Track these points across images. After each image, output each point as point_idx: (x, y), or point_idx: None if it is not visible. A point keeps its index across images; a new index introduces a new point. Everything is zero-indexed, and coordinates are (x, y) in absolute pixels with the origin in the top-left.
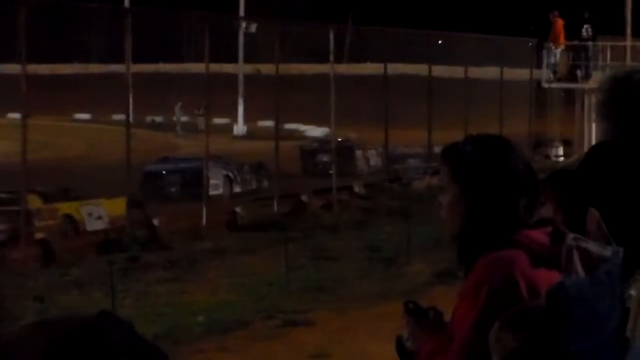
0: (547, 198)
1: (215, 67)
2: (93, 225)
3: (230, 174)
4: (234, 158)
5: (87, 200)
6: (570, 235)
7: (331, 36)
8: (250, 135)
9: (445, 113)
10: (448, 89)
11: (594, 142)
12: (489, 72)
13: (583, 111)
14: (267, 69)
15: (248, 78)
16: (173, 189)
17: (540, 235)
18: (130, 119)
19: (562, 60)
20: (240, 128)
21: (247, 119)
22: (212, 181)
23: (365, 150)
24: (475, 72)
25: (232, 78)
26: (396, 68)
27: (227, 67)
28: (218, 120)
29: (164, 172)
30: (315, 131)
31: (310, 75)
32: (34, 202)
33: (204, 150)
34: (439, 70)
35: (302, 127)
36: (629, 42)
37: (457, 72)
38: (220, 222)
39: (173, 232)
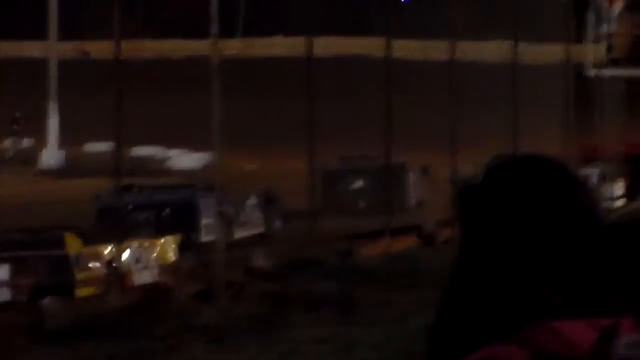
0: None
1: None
2: (141, 276)
3: (230, 210)
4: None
5: (130, 242)
6: (626, 340)
7: None
8: (71, 167)
9: (416, 118)
10: (422, 79)
11: None
12: (492, 49)
13: None
14: (100, 48)
15: (66, 65)
16: (144, 231)
17: (579, 330)
18: None
19: (623, 27)
20: (51, 155)
21: (65, 140)
22: (203, 220)
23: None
24: (468, 49)
25: (38, 65)
26: (328, 45)
27: (31, 47)
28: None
29: (130, 206)
30: (186, 159)
31: (179, 60)
32: (73, 243)
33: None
34: (404, 48)
35: (162, 153)
36: None
37: (436, 49)
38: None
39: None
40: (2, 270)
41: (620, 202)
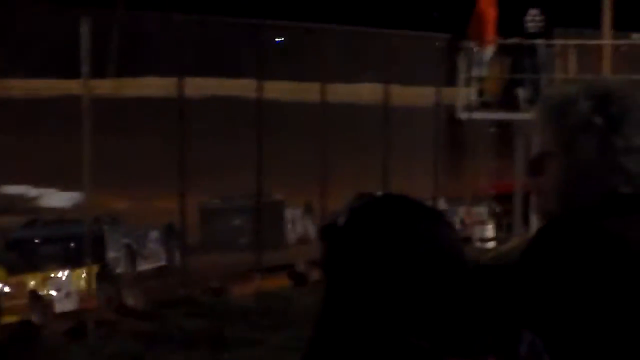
0: None
1: None
2: (63, 305)
3: (133, 244)
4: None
5: (51, 271)
6: None
7: (84, 29)
8: None
9: (290, 158)
10: (294, 120)
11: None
12: (364, 91)
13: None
14: None
15: None
16: (50, 263)
17: None
18: None
19: (493, 72)
20: None
21: None
22: (110, 254)
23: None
24: (338, 91)
25: None
26: (200, 85)
27: None
28: None
29: (36, 240)
30: (55, 198)
31: (49, 99)
32: None
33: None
34: (276, 89)
35: (31, 192)
36: (607, 41)
37: (309, 91)
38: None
39: None
40: None
41: (491, 244)
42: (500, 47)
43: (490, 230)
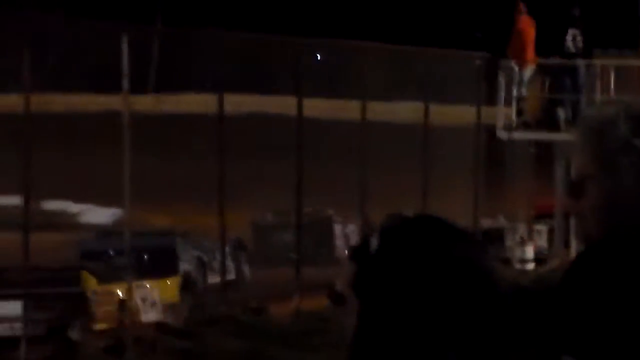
0: None
1: None
2: (148, 315)
3: (204, 257)
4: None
5: (139, 281)
6: None
7: (124, 46)
8: None
9: (330, 176)
10: (336, 137)
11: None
12: (402, 110)
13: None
14: (9, 102)
15: None
16: (127, 275)
17: None
18: None
19: (533, 91)
20: None
21: None
22: (181, 265)
23: (346, 226)
24: (379, 109)
25: None
26: (240, 102)
27: None
28: None
29: (110, 251)
30: (96, 214)
31: (89, 115)
32: (90, 281)
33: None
34: (315, 107)
35: (71, 208)
36: None
37: (348, 109)
38: None
39: None
40: (14, 306)
41: (531, 265)
42: (540, 67)
43: (530, 252)
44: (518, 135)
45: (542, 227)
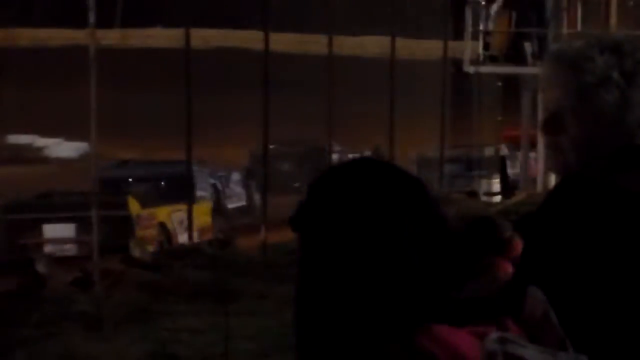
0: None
1: None
2: (184, 236)
3: (218, 184)
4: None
5: (176, 206)
6: (494, 335)
7: None
8: None
9: (293, 112)
10: (301, 72)
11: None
12: (369, 44)
13: (535, 114)
14: None
15: None
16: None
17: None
18: None
19: (500, 26)
20: None
21: None
22: (198, 192)
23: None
24: (345, 43)
25: None
26: (207, 37)
27: None
28: None
29: (129, 179)
30: (62, 148)
31: (56, 49)
32: (134, 206)
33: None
34: (282, 41)
35: (39, 142)
36: None
37: (315, 43)
38: None
39: None
40: (68, 228)
41: (497, 198)
42: (506, 1)
43: (496, 184)
44: (485, 69)
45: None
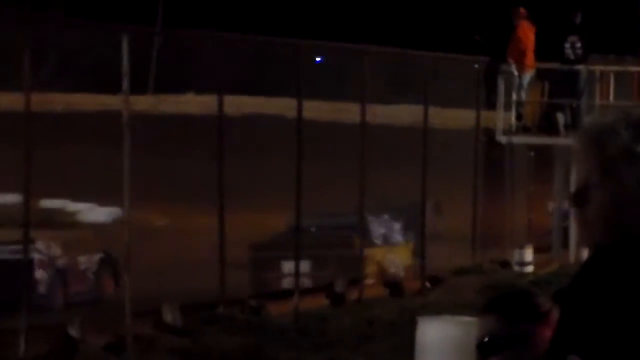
0: None
1: None
2: (394, 272)
3: (387, 234)
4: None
5: (387, 247)
6: None
7: (125, 45)
8: None
9: (325, 179)
10: (334, 140)
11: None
12: (402, 113)
13: (568, 185)
14: (9, 100)
15: None
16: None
17: None
18: None
19: (533, 96)
20: None
21: None
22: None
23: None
24: (379, 112)
25: None
26: (240, 103)
27: None
28: None
29: (312, 228)
30: (95, 213)
31: (89, 114)
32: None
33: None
34: (315, 109)
35: (72, 206)
36: None
37: (347, 111)
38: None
39: None
40: (305, 264)
41: (529, 268)
42: (539, 72)
43: (529, 254)
44: (517, 139)
45: None
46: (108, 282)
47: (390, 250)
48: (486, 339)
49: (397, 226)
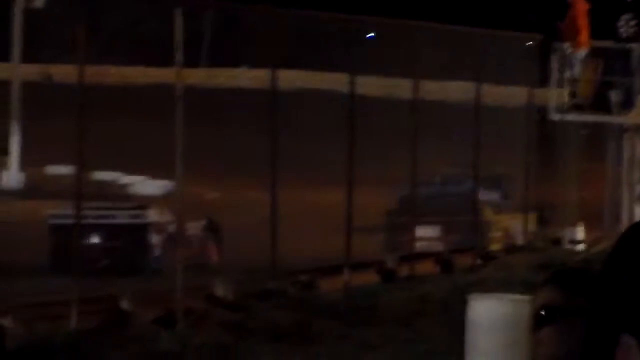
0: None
1: None
2: (519, 239)
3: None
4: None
5: (514, 214)
6: None
7: (178, 18)
8: (33, 189)
9: (381, 158)
10: (384, 117)
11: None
12: (455, 89)
13: (620, 163)
14: (64, 72)
15: (29, 88)
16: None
17: None
18: None
19: (586, 74)
20: (13, 177)
21: (27, 162)
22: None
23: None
24: (432, 89)
25: (0, 87)
26: (293, 78)
27: None
28: None
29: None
30: (147, 185)
31: (142, 87)
32: (487, 212)
33: None
34: (367, 84)
35: (124, 179)
36: None
37: (400, 87)
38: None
39: None
40: (435, 229)
41: (581, 246)
42: (593, 50)
43: (580, 232)
44: (570, 117)
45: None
46: (212, 249)
47: (514, 217)
48: (543, 311)
49: (496, 195)
